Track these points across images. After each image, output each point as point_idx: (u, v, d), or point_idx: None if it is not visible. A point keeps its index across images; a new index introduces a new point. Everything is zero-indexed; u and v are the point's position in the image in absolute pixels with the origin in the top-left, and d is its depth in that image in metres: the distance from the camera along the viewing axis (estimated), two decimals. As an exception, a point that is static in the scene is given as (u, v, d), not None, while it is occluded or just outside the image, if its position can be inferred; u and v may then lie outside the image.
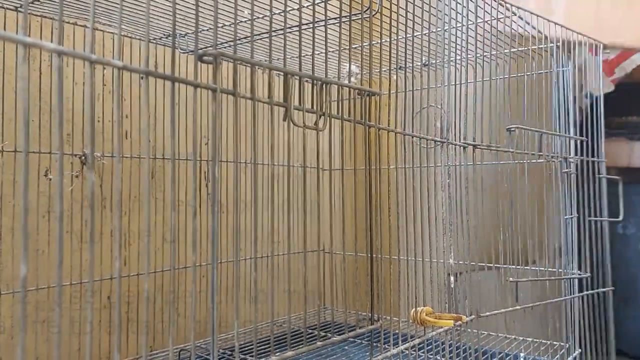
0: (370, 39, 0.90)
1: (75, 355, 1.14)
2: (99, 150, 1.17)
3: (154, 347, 1.28)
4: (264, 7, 0.80)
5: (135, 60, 1.22)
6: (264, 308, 1.32)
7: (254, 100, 0.63)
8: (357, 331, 0.78)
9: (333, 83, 0.75)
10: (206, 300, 1.37)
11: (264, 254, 1.26)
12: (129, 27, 1.16)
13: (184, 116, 1.16)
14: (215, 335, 0.58)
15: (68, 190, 1.13)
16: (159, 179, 1.31)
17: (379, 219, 0.84)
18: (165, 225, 1.26)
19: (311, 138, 0.69)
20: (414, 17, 0.95)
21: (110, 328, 1.21)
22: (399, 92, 0.97)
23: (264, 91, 0.67)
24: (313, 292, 1.34)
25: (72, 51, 0.46)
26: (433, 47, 1.06)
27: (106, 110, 1.20)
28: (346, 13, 0.84)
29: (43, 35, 1.10)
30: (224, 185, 1.41)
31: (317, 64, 0.97)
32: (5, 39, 0.41)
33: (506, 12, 1.12)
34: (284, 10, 0.71)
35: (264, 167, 1.36)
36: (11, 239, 1.06)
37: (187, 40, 1.18)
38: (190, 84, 0.56)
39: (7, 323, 1.07)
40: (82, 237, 1.16)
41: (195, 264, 0.56)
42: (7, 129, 1.05)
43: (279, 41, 0.73)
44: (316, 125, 0.71)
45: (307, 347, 0.68)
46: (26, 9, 0.43)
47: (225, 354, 1.25)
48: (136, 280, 1.23)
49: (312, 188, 0.72)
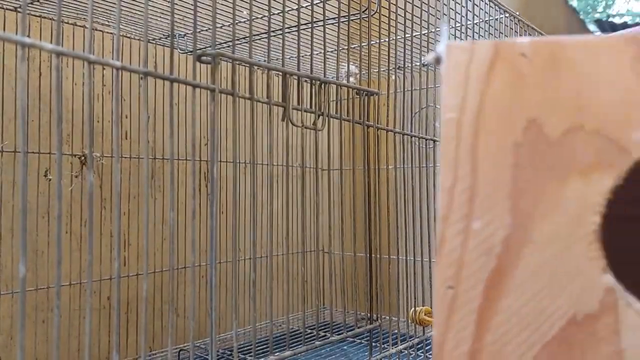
0: (368, 39, 0.90)
1: (74, 356, 1.15)
2: (99, 151, 1.17)
3: (153, 348, 1.28)
4: (262, 7, 0.80)
5: (135, 60, 1.22)
6: (262, 308, 1.32)
7: (253, 100, 0.63)
8: (356, 331, 0.78)
9: (332, 83, 0.75)
10: (205, 300, 1.37)
11: (263, 254, 1.26)
12: (127, 28, 1.16)
13: (183, 116, 1.16)
14: (214, 336, 0.58)
15: (68, 190, 1.13)
16: (158, 179, 1.31)
17: (378, 218, 0.84)
18: (165, 226, 1.26)
19: (310, 138, 0.69)
20: (413, 17, 0.95)
21: (109, 328, 1.21)
22: (398, 92, 0.97)
23: (262, 91, 0.67)
24: (312, 292, 1.34)
25: (71, 52, 0.46)
26: (432, 47, 1.06)
27: (105, 111, 1.21)
28: (345, 13, 0.84)
29: (42, 36, 1.10)
30: (223, 185, 1.41)
31: (316, 64, 0.98)
32: (5, 39, 0.42)
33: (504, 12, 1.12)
34: (282, 10, 0.71)
35: (263, 167, 1.36)
36: (10, 239, 1.06)
37: (186, 41, 1.18)
38: (189, 84, 0.56)
39: (6, 323, 1.07)
40: (81, 238, 1.16)
41: (195, 264, 0.56)
42: (7, 130, 1.05)
43: (278, 41, 0.74)
44: (315, 125, 0.71)
45: (305, 347, 0.69)
46: (25, 9, 0.43)
47: (225, 354, 1.25)
48: (135, 281, 1.23)
49: (311, 188, 0.73)
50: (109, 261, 1.17)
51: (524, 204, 0.26)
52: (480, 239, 0.27)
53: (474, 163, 0.27)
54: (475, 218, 0.27)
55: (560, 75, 0.26)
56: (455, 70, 0.28)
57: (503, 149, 0.27)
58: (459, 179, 0.27)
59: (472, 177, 0.27)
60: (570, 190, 0.26)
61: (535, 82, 0.27)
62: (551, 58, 0.27)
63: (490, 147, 0.27)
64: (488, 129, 0.27)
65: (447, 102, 0.28)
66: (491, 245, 0.27)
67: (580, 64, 0.26)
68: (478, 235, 0.27)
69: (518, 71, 0.27)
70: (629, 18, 3.62)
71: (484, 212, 0.27)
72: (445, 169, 0.28)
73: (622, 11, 4.11)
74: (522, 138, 0.27)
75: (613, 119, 0.26)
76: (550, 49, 0.27)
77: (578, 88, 0.26)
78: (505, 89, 0.27)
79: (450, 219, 0.27)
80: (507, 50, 0.27)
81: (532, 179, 0.26)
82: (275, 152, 0.63)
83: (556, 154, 0.26)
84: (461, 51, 0.28)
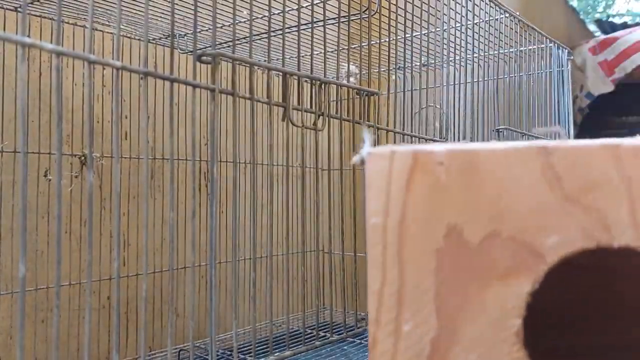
0: (369, 39, 0.90)
1: (74, 355, 1.14)
2: (98, 151, 1.17)
3: (152, 348, 1.28)
4: (262, 7, 0.80)
5: (135, 60, 1.22)
6: (262, 308, 1.32)
7: (253, 100, 0.63)
8: (355, 331, 0.78)
9: (332, 83, 0.75)
10: (205, 300, 1.37)
11: (263, 254, 1.26)
12: (127, 28, 1.16)
13: (182, 116, 1.16)
14: (214, 336, 0.58)
15: (67, 190, 1.13)
16: (158, 179, 1.31)
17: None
18: (164, 226, 1.26)
19: (310, 138, 0.69)
20: (413, 17, 0.95)
21: (109, 328, 1.21)
22: (398, 92, 0.97)
23: (262, 91, 0.67)
24: (312, 292, 1.34)
25: (71, 51, 0.46)
26: (432, 47, 1.06)
27: (105, 111, 1.20)
28: (345, 13, 0.84)
29: (42, 36, 1.10)
30: (222, 185, 1.41)
31: (316, 64, 0.98)
32: (5, 39, 0.42)
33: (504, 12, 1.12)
34: (282, 10, 0.71)
35: (263, 167, 1.36)
36: (10, 239, 1.06)
37: (186, 41, 1.18)
38: (189, 84, 0.56)
39: (6, 323, 1.07)
40: (81, 238, 1.16)
41: (194, 264, 0.56)
42: (7, 129, 1.05)
43: (278, 41, 0.74)
44: (315, 125, 0.71)
45: (305, 346, 0.69)
46: (25, 9, 0.43)
47: (225, 354, 1.25)
48: (135, 281, 1.23)
49: (311, 188, 0.73)
50: (109, 261, 1.17)
51: (449, 307, 0.27)
52: (411, 341, 0.28)
53: (400, 267, 0.28)
54: (405, 320, 0.28)
55: (477, 183, 0.27)
56: (378, 176, 0.29)
57: (426, 254, 0.28)
58: (387, 282, 0.28)
59: (399, 281, 0.28)
60: (491, 294, 0.27)
61: (454, 190, 0.28)
62: (467, 167, 0.28)
63: (414, 252, 0.28)
64: (411, 234, 0.28)
65: (371, 207, 0.29)
66: (422, 347, 0.27)
67: (496, 173, 0.27)
68: (408, 337, 0.28)
69: (436, 179, 0.28)
70: (629, 18, 3.62)
71: (413, 315, 0.28)
72: (374, 271, 0.28)
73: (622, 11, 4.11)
74: (443, 244, 0.27)
75: (528, 225, 0.27)
76: (466, 158, 0.28)
77: (494, 196, 0.27)
78: (425, 196, 0.28)
79: (381, 321, 0.28)
80: (425, 159, 0.28)
81: (455, 283, 0.27)
82: (275, 152, 0.63)
83: (476, 259, 0.27)
84: (381, 158, 0.28)
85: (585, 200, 0.26)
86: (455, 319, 0.27)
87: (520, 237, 0.27)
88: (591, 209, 0.26)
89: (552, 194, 0.27)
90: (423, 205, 0.28)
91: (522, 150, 0.27)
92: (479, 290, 0.27)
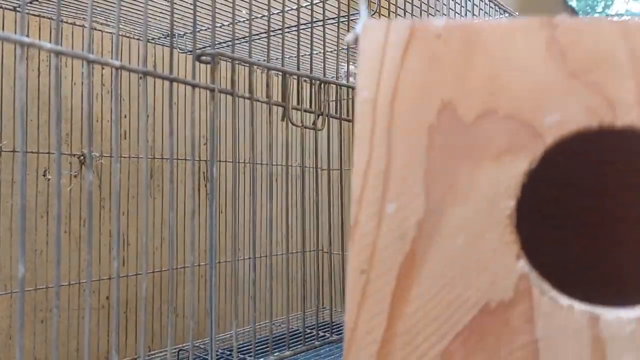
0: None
1: (73, 355, 1.14)
2: (98, 150, 1.17)
3: (152, 347, 1.28)
4: (262, 7, 0.80)
5: (134, 60, 1.22)
6: (262, 308, 1.32)
7: (252, 100, 0.63)
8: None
9: (331, 83, 0.75)
10: (205, 300, 1.37)
11: (262, 254, 1.26)
12: (127, 27, 1.16)
13: (182, 116, 1.16)
14: (213, 335, 0.58)
15: (66, 190, 1.13)
16: (158, 179, 1.31)
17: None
18: (164, 225, 1.26)
19: (310, 138, 0.69)
20: (413, 17, 0.95)
21: (108, 328, 1.21)
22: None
23: (262, 91, 0.67)
24: (312, 292, 1.34)
25: (70, 51, 0.46)
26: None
27: (105, 110, 1.20)
28: (344, 13, 0.84)
29: (41, 35, 1.10)
30: (222, 185, 1.41)
31: (316, 64, 0.98)
32: (4, 39, 0.41)
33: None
34: (282, 10, 0.71)
35: (263, 167, 1.36)
36: (9, 238, 1.06)
37: (186, 40, 1.18)
38: (189, 83, 0.56)
39: (5, 323, 1.07)
40: (80, 237, 1.16)
41: (194, 264, 0.56)
42: (6, 129, 1.04)
43: (277, 41, 0.74)
44: (315, 125, 0.71)
45: (305, 346, 0.68)
46: (23, 8, 0.43)
47: (224, 354, 1.25)
48: (135, 280, 1.23)
49: (311, 188, 0.72)
50: (108, 261, 1.17)
51: (438, 188, 0.26)
52: (394, 223, 0.26)
53: (389, 144, 0.26)
54: (389, 201, 0.26)
55: (475, 58, 0.26)
56: (371, 49, 0.27)
57: (418, 131, 0.26)
58: (374, 160, 0.26)
59: (386, 159, 0.26)
60: (484, 174, 0.25)
61: (450, 65, 0.26)
62: (466, 41, 0.26)
63: (404, 128, 0.26)
64: (403, 109, 0.26)
65: (362, 81, 0.27)
66: (405, 230, 0.26)
67: (495, 47, 0.26)
68: (392, 219, 0.26)
69: (433, 53, 0.26)
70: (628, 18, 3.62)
71: (398, 195, 0.26)
72: (360, 150, 0.27)
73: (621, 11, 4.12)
74: (436, 120, 0.26)
75: (528, 103, 0.25)
76: (466, 32, 0.26)
77: (492, 71, 0.26)
78: (420, 70, 0.26)
79: (364, 202, 0.26)
80: (422, 31, 0.26)
81: (446, 162, 0.26)
82: (274, 152, 0.63)
83: (470, 138, 0.26)
84: (377, 30, 0.27)
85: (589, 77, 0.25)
86: (444, 200, 0.25)
87: (518, 115, 0.25)
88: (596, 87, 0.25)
89: (554, 70, 0.25)
90: (417, 79, 0.26)
91: (525, 24, 0.26)
92: (472, 170, 0.25)
